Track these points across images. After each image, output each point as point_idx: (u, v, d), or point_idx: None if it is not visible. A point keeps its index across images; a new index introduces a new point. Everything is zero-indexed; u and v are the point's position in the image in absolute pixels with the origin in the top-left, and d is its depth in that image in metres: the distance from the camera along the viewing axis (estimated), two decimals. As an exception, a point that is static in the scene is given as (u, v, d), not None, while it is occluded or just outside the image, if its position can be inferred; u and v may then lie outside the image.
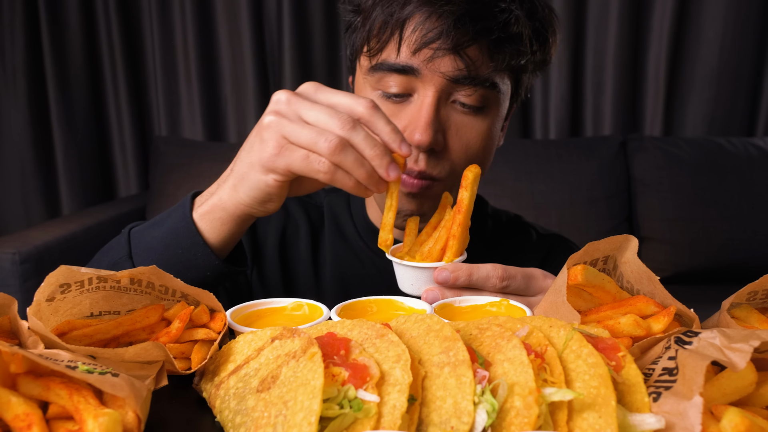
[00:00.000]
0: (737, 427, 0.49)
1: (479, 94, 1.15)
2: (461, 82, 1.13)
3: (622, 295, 0.79)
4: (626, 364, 0.61)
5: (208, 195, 1.05)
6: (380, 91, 1.18)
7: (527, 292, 0.97)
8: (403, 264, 1.00)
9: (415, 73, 1.13)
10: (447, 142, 1.17)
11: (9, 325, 0.73)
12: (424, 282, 0.99)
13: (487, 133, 1.21)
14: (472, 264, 0.96)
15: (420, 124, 1.12)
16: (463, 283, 0.95)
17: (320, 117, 0.90)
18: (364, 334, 0.65)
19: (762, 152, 3.08)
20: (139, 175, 3.71)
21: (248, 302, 0.92)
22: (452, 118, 1.17)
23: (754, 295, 0.76)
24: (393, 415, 0.53)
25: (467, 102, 1.15)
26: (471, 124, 1.18)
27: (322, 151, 0.89)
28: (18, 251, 2.38)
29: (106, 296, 0.79)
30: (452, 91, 1.15)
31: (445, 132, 1.17)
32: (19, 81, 3.48)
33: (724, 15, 3.28)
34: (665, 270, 3.01)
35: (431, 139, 1.12)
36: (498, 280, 0.94)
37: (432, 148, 1.15)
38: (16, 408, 0.53)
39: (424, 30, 1.10)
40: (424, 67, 1.12)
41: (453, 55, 1.11)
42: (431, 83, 1.13)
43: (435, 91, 1.13)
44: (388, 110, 1.17)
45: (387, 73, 1.15)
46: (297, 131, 0.91)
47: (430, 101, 1.13)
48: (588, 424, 0.54)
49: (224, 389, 0.66)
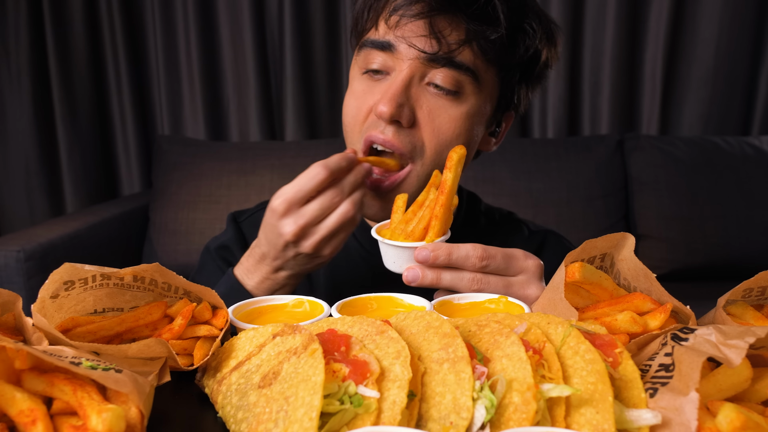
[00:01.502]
0: (733, 422, 0.49)
1: (453, 77, 1.17)
2: (436, 61, 1.15)
3: (619, 292, 0.79)
4: (623, 360, 0.61)
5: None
6: (365, 69, 1.22)
7: (507, 272, 0.98)
8: (386, 243, 1.01)
9: (391, 49, 1.17)
10: (417, 120, 1.19)
11: (14, 321, 0.73)
12: (405, 260, 1.01)
13: (461, 121, 1.21)
14: (452, 243, 0.97)
15: (386, 96, 1.15)
16: (442, 262, 0.96)
17: (320, 205, 1.07)
18: (365, 331, 0.65)
19: (757, 151, 3.07)
20: (142, 173, 3.71)
21: (250, 299, 0.92)
22: (425, 97, 1.19)
23: (749, 292, 0.76)
24: (393, 411, 0.53)
25: (441, 83, 1.17)
26: (444, 107, 1.19)
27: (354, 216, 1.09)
28: (23, 249, 2.38)
29: (109, 293, 0.79)
30: (427, 72, 1.17)
31: (415, 110, 1.18)
32: (24, 81, 3.47)
33: (720, 16, 3.28)
34: (662, 267, 3.01)
35: (393, 110, 1.14)
36: (477, 260, 0.95)
37: (398, 121, 1.17)
38: (21, 404, 0.53)
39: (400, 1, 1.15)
40: (398, 42, 1.16)
41: (422, 22, 1.14)
42: (407, 59, 1.16)
43: (409, 67, 1.16)
44: (367, 86, 1.22)
45: (370, 50, 1.20)
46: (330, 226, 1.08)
47: (402, 77, 1.16)
48: (585, 419, 0.54)
49: (226, 385, 0.66)
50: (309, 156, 3.01)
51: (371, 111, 1.19)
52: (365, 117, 1.21)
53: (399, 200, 1.09)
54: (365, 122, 1.21)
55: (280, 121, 3.57)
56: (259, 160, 3.11)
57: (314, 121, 3.56)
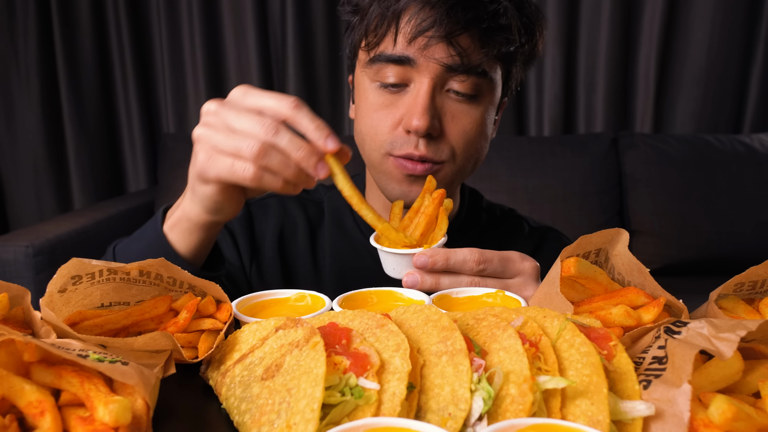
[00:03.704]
0: (724, 413, 0.49)
1: (472, 83, 1.17)
2: (455, 70, 1.15)
3: (614, 287, 0.79)
4: (617, 353, 0.61)
5: (175, 208, 1.07)
6: (378, 82, 1.20)
7: (504, 274, 0.97)
8: (385, 250, 1.01)
9: (411, 63, 1.15)
10: (444, 128, 1.19)
11: (22, 315, 0.73)
12: (404, 266, 1.00)
13: (481, 120, 1.22)
14: (450, 248, 0.97)
15: (417, 111, 1.14)
16: (440, 267, 0.95)
17: (245, 123, 0.89)
18: (365, 324, 0.65)
19: (748, 149, 3.07)
20: (148, 170, 3.71)
21: (253, 293, 0.92)
22: (447, 105, 1.18)
23: (740, 287, 0.76)
24: (393, 402, 0.53)
25: (461, 90, 1.17)
26: (466, 111, 1.19)
27: (246, 157, 0.88)
28: (31, 244, 2.38)
29: (116, 288, 0.79)
30: (447, 80, 1.17)
31: (441, 118, 1.18)
32: (33, 81, 3.47)
33: (712, 17, 3.28)
34: (655, 262, 3.01)
35: (428, 124, 1.14)
36: (474, 264, 0.95)
37: (430, 134, 1.17)
38: (30, 395, 0.53)
39: (419, 20, 1.12)
40: (419, 57, 1.14)
41: (445, 43, 1.13)
42: (426, 72, 1.15)
43: (430, 79, 1.15)
44: (386, 100, 1.20)
45: (384, 64, 1.17)
46: (222, 141, 0.90)
47: (426, 89, 1.14)
48: (581, 410, 0.54)
49: (230, 377, 0.66)
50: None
51: (398, 125, 1.18)
52: (391, 130, 1.19)
53: (395, 207, 1.10)
54: (392, 135, 1.19)
55: (282, 119, 3.56)
56: (262, 158, 3.10)
57: (316, 119, 3.55)
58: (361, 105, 1.25)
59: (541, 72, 3.43)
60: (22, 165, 3.57)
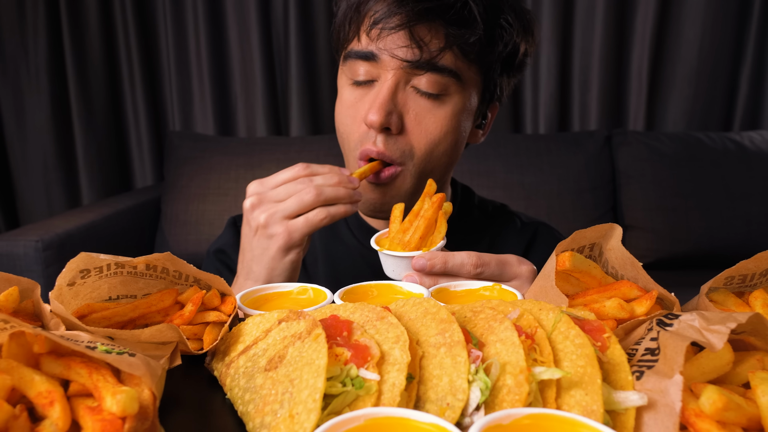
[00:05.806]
0: (715, 403, 0.49)
1: (436, 81, 1.15)
2: (419, 67, 1.13)
3: (607, 280, 0.79)
4: (611, 344, 0.60)
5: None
6: (352, 79, 1.20)
7: (501, 278, 0.96)
8: (385, 253, 1.01)
9: (375, 59, 1.15)
10: (405, 126, 1.17)
11: (32, 308, 0.73)
12: (403, 269, 1.00)
13: (448, 121, 1.19)
14: (448, 252, 0.96)
15: (375, 105, 1.13)
16: (439, 270, 0.95)
17: (288, 189, 1.05)
18: (366, 317, 0.65)
19: (738, 146, 3.07)
20: (154, 167, 3.70)
21: (256, 287, 0.92)
22: (411, 102, 1.17)
23: (731, 280, 0.76)
24: (392, 393, 0.53)
25: (424, 87, 1.15)
26: (429, 110, 1.17)
27: (310, 203, 1.04)
28: (41, 239, 2.38)
29: (123, 281, 0.79)
30: (410, 78, 1.15)
31: (403, 116, 1.16)
32: (42, 79, 3.46)
33: (703, 17, 3.27)
34: (647, 256, 3.01)
35: (383, 119, 1.12)
36: (472, 267, 0.94)
37: (388, 128, 1.15)
38: (39, 386, 0.53)
39: (374, 11, 1.13)
40: (381, 53, 1.14)
41: (405, 36, 1.11)
42: (390, 68, 1.14)
43: (393, 75, 1.14)
44: (356, 96, 1.20)
45: (354, 60, 1.18)
46: (287, 207, 1.04)
47: (388, 84, 1.14)
48: (575, 400, 0.53)
49: (234, 368, 0.66)
50: (313, 150, 3.01)
51: (363, 121, 1.18)
52: (357, 128, 1.19)
53: (396, 210, 1.09)
54: (359, 132, 1.19)
55: (285, 117, 3.56)
56: (265, 155, 3.11)
57: (318, 118, 3.55)
58: (338, 104, 1.25)
59: (536, 71, 3.43)
60: (33, 162, 3.57)
